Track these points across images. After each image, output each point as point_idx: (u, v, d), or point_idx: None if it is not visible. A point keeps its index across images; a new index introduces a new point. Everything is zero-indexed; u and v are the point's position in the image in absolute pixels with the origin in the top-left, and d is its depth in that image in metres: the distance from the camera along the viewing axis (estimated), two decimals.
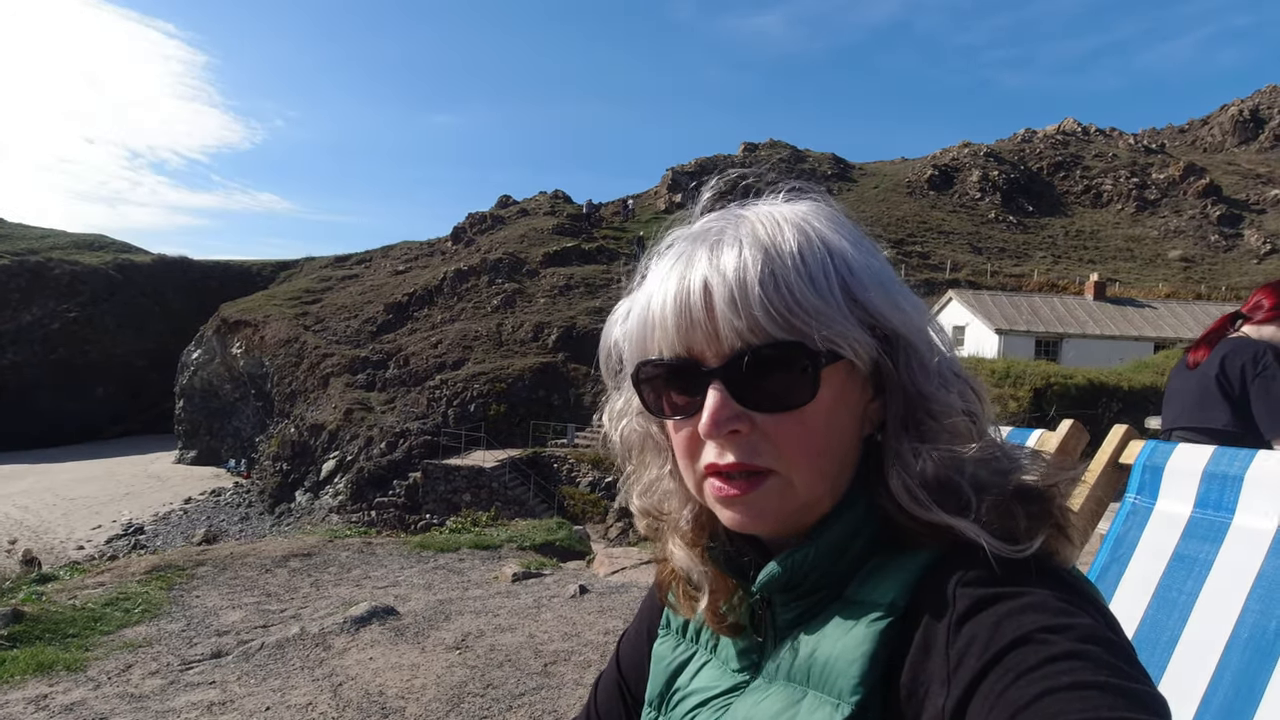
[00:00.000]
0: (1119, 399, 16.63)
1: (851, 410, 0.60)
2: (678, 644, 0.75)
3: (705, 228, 0.62)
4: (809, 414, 0.58)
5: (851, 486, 0.62)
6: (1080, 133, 63.79)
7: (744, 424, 0.58)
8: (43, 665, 3.91)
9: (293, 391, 32.25)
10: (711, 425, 0.57)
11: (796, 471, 0.58)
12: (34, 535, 24.51)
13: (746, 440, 0.58)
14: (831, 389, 0.58)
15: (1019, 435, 1.68)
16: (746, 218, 0.61)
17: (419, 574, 6.13)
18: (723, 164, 52.27)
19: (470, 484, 21.80)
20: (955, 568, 0.56)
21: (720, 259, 0.57)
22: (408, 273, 41.97)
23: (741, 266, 0.56)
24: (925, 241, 42.31)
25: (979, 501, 0.57)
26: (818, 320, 0.56)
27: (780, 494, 0.59)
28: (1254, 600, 1.17)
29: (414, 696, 3.61)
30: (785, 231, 0.59)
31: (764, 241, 0.58)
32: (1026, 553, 0.54)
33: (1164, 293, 33.39)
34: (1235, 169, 54.89)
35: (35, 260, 47.55)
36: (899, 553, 0.59)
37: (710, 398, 0.58)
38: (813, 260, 0.57)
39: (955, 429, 0.59)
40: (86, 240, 54.67)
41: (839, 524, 0.60)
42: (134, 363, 47.38)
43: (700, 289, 0.57)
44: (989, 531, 0.55)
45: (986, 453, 0.60)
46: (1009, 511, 0.56)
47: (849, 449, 0.61)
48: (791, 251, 0.57)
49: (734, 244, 0.58)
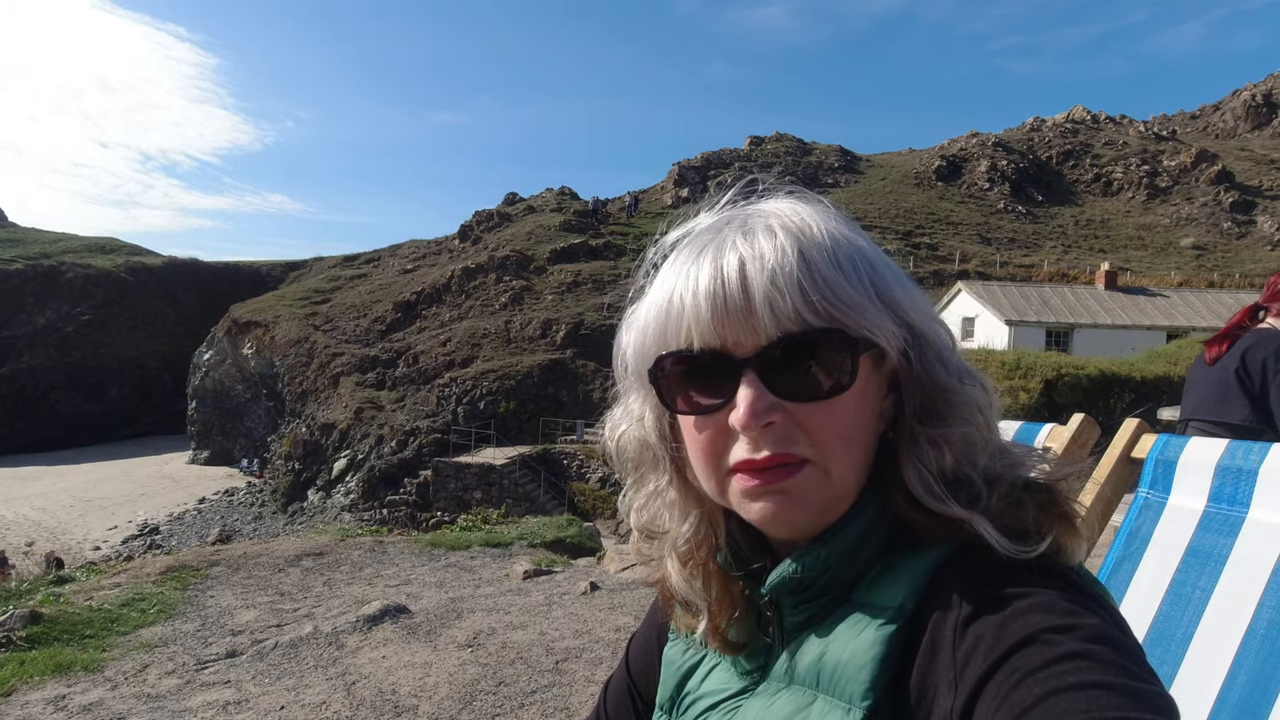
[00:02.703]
0: (1131, 389, 16.48)
1: (872, 405, 0.60)
2: (687, 647, 0.75)
3: (725, 218, 0.61)
4: (843, 403, 0.57)
5: (865, 487, 0.61)
6: (1090, 121, 63.21)
7: (779, 415, 0.56)
8: (61, 666, 3.96)
9: (303, 391, 32.45)
10: (749, 416, 0.55)
11: (834, 461, 0.57)
12: (52, 536, 24.82)
13: (781, 430, 0.57)
14: (860, 380, 0.58)
15: (1030, 430, 1.66)
16: (765, 211, 0.61)
17: (430, 572, 6.16)
18: (729, 158, 52.37)
19: (481, 481, 21.88)
20: (962, 569, 0.56)
21: (756, 245, 0.56)
22: (416, 271, 42.11)
23: (780, 252, 0.55)
24: (934, 233, 42.06)
25: (990, 494, 0.57)
26: (854, 309, 0.56)
27: (818, 483, 0.57)
28: (1270, 595, 1.16)
29: (427, 695, 3.63)
30: (812, 224, 0.59)
31: (796, 230, 0.57)
32: (1034, 552, 0.54)
33: (1176, 281, 33.04)
34: (1248, 155, 54.24)
35: (48, 264, 48.06)
36: (906, 555, 0.59)
37: (745, 389, 0.56)
38: (843, 252, 0.58)
39: (971, 422, 0.59)
40: (98, 243, 55.17)
41: (851, 527, 0.60)
42: (147, 364, 47.83)
43: (737, 275, 0.56)
44: (998, 526, 0.55)
45: (996, 447, 0.61)
46: (1019, 503, 0.57)
47: (871, 442, 0.61)
48: (822, 243, 0.57)
49: (768, 232, 0.57)
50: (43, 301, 46.42)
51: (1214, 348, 2.62)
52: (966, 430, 0.59)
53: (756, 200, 0.65)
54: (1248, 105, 64.22)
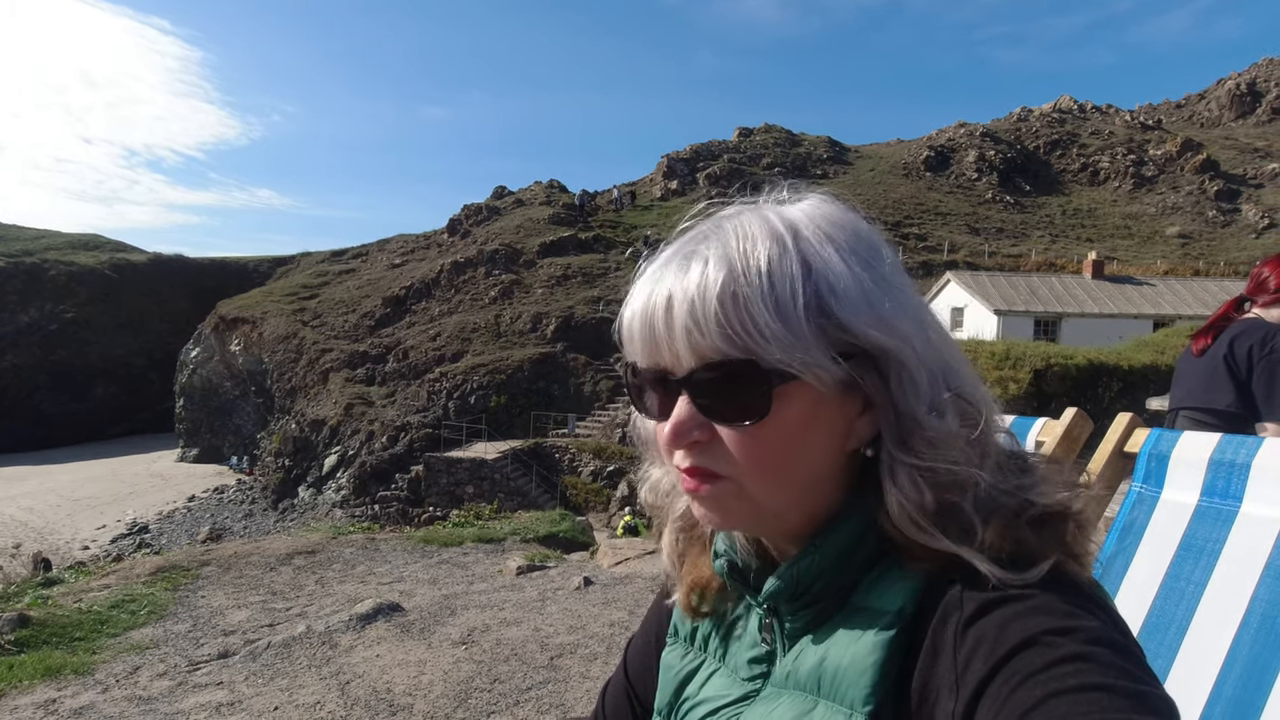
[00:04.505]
0: (1119, 379, 16.62)
1: (827, 426, 0.59)
2: (686, 652, 0.75)
3: (687, 238, 0.62)
4: (765, 429, 0.57)
5: (850, 496, 0.61)
6: (1077, 110, 63.47)
7: (706, 433, 0.59)
8: (50, 669, 3.93)
9: (293, 387, 32.25)
10: (673, 435, 0.60)
11: (751, 483, 0.59)
12: (39, 537, 24.58)
13: (707, 448, 0.59)
14: (797, 406, 0.57)
15: (1022, 424, 1.67)
16: (724, 229, 0.60)
17: (423, 569, 6.15)
18: (718, 149, 52.28)
19: (473, 476, 21.85)
20: (962, 572, 0.55)
21: (687, 275, 0.58)
22: (404, 266, 41.85)
23: (704, 284, 0.56)
24: (922, 223, 42.20)
25: (984, 526, 0.55)
26: (774, 341, 0.55)
27: (736, 497, 0.59)
28: (1263, 588, 1.17)
29: (421, 693, 3.62)
30: (759, 246, 0.57)
31: (731, 258, 0.57)
32: (1032, 579, 0.53)
33: (1162, 270, 33.31)
34: (1233, 143, 54.66)
35: (30, 262, 47.42)
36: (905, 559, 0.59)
37: (678, 406, 0.60)
38: (780, 278, 0.56)
39: (953, 449, 0.57)
40: (82, 240, 54.49)
41: (838, 534, 0.60)
42: (133, 362, 47.36)
43: (664, 305, 0.58)
44: (992, 556, 0.54)
45: (993, 471, 0.57)
46: (1018, 538, 0.55)
47: (824, 463, 0.60)
48: (759, 268, 0.56)
49: (701, 260, 0.58)
50: (25, 300, 45.79)
51: (1201, 340, 2.65)
52: (950, 457, 0.56)
53: (752, 200, 0.64)
54: (1232, 94, 64.63)
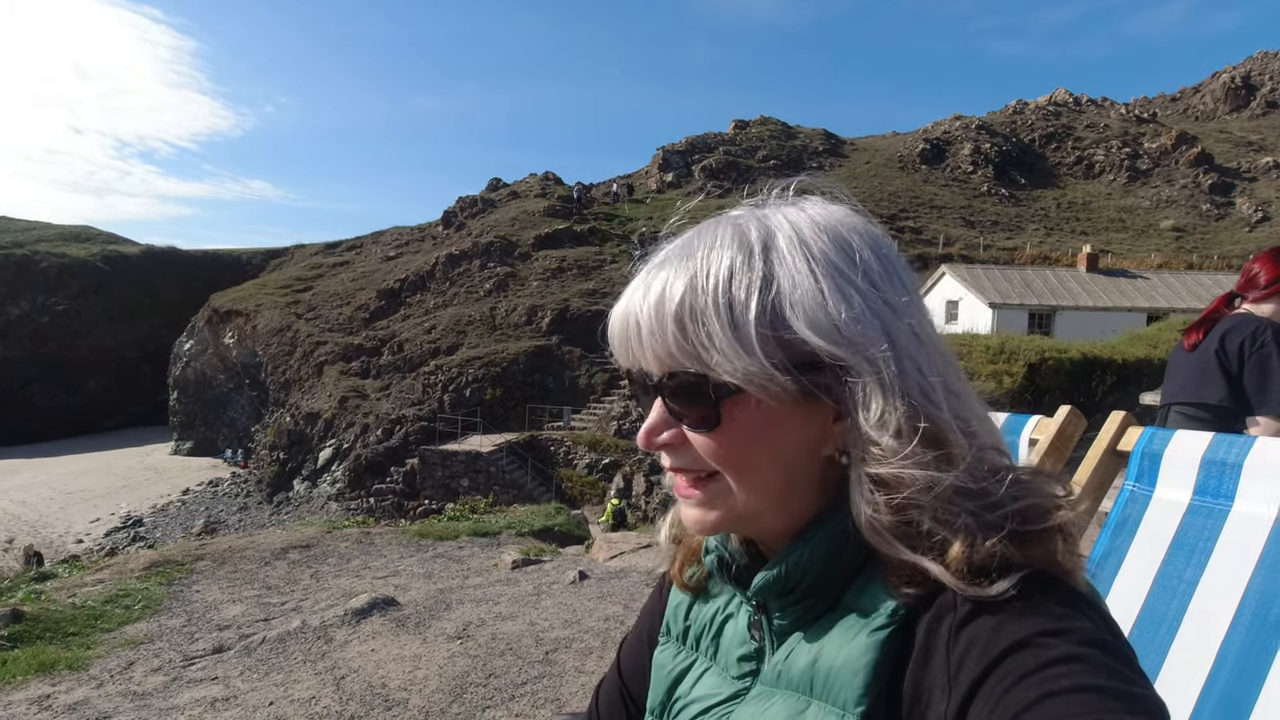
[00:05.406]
0: (1113, 372, 16.68)
1: (792, 434, 0.59)
2: (678, 651, 0.75)
3: (665, 247, 0.63)
4: (724, 436, 0.59)
5: (835, 500, 0.61)
6: (1072, 103, 63.45)
7: (674, 435, 0.61)
8: (44, 665, 3.91)
9: (287, 380, 32.14)
10: (644, 436, 0.62)
11: (733, 478, 0.60)
12: (32, 530, 24.50)
13: (686, 449, 0.61)
14: (746, 417, 0.58)
15: (1016, 421, 1.67)
16: (700, 237, 0.61)
17: (419, 563, 6.15)
18: (713, 141, 52.13)
19: (468, 469, 21.83)
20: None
21: (652, 288, 0.60)
22: (399, 258, 41.67)
23: (663, 298, 0.58)
24: (918, 216, 42.19)
25: (954, 539, 0.53)
26: (723, 354, 0.56)
27: (729, 495, 0.60)
28: (1254, 585, 1.17)
29: (417, 688, 3.62)
30: (723, 257, 0.58)
31: (694, 270, 0.58)
32: (999, 593, 0.52)
33: (1156, 263, 33.37)
34: (1227, 137, 54.77)
35: (21, 253, 47.06)
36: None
37: (654, 409, 0.62)
38: (737, 292, 0.56)
39: (910, 462, 0.55)
40: (73, 232, 54.10)
41: (822, 531, 0.60)
42: (126, 355, 47.10)
43: (635, 314, 0.60)
44: (957, 571, 0.52)
45: (966, 483, 0.55)
46: (991, 551, 0.53)
47: (797, 468, 0.60)
48: (717, 281, 0.57)
49: (669, 270, 0.60)
50: (16, 292, 45.47)
51: (1192, 335, 2.66)
52: (905, 478, 0.54)
53: (745, 201, 0.64)
54: (1227, 87, 64.72)
